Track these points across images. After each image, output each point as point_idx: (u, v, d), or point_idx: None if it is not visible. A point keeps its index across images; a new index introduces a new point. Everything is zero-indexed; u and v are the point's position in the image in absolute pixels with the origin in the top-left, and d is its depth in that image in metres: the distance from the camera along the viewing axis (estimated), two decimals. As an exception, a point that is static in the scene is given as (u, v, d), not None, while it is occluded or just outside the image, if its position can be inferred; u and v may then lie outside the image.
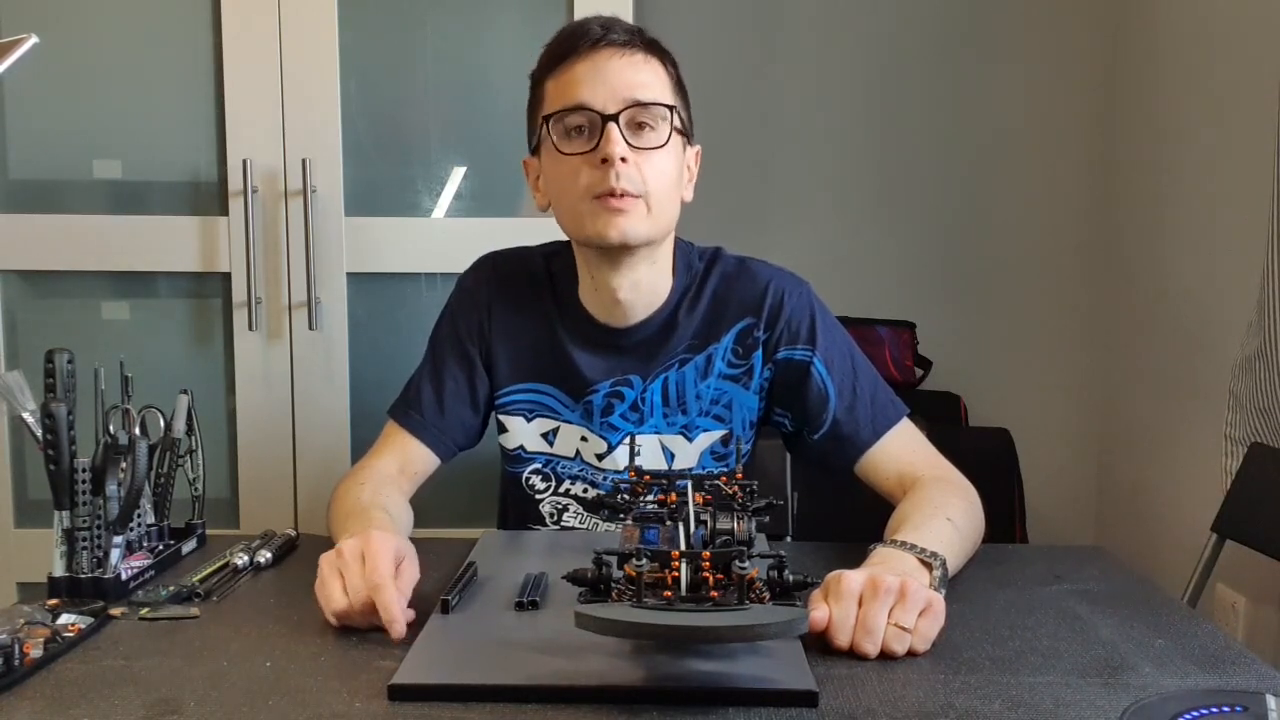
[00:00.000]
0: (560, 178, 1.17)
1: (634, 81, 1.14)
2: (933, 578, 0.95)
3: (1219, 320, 2.05)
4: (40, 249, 1.89)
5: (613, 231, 1.14)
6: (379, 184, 1.92)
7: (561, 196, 1.18)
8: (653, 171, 1.14)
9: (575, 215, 1.17)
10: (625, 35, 1.16)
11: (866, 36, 2.60)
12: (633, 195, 1.13)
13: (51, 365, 1.02)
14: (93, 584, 0.98)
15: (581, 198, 1.15)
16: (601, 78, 1.14)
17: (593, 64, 1.14)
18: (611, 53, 1.15)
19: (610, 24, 1.16)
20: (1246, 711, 0.68)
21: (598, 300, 1.24)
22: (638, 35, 1.17)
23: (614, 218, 1.13)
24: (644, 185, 1.14)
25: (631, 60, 1.15)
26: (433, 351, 1.31)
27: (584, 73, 1.14)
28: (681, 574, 0.79)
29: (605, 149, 1.12)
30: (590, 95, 1.13)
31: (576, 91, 1.14)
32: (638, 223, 1.14)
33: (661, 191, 1.16)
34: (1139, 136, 2.45)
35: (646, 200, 1.14)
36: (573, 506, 1.30)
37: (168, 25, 1.88)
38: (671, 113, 1.16)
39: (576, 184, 1.14)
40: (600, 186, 1.13)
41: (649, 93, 1.15)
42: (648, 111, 1.15)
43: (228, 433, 1.93)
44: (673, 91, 1.19)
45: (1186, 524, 1.96)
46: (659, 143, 1.15)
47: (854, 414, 1.23)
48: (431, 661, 0.83)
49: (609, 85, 1.13)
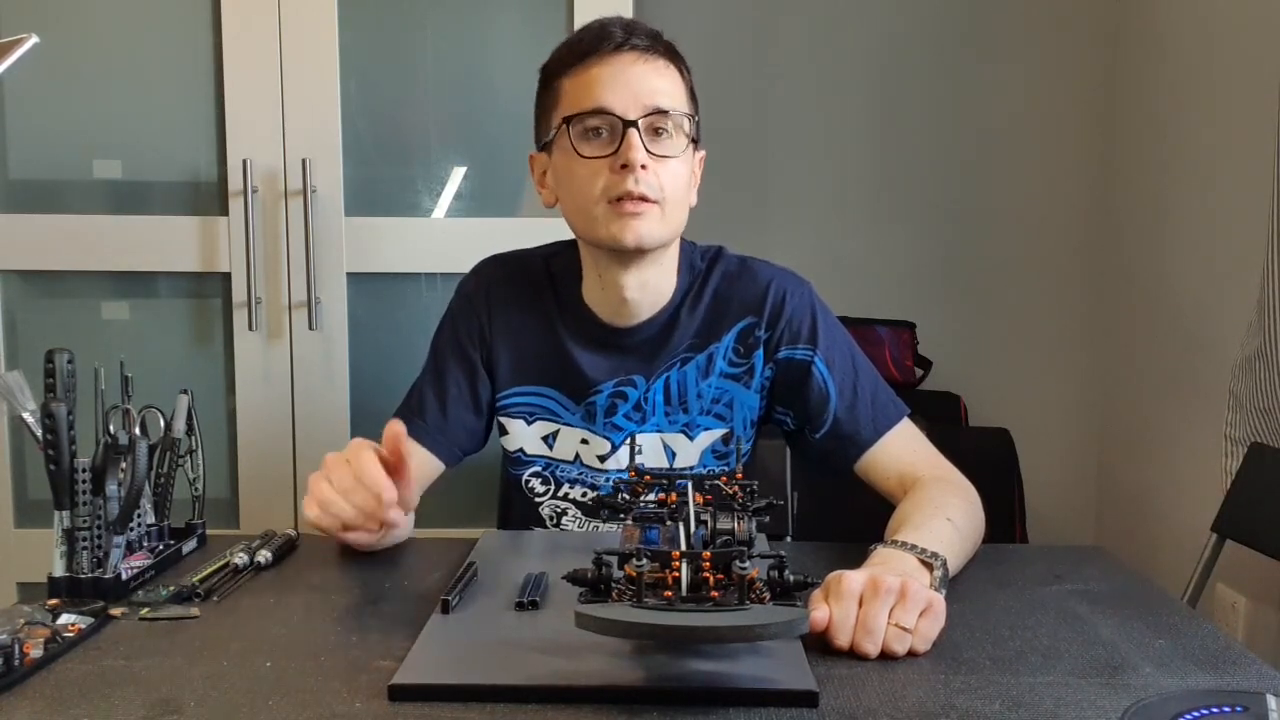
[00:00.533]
0: (576, 179, 1.17)
1: (655, 88, 1.15)
2: (933, 578, 0.95)
3: (1219, 320, 2.05)
4: (40, 249, 1.89)
5: (629, 235, 1.15)
6: (379, 184, 1.92)
7: (575, 197, 1.18)
8: (669, 177, 1.15)
9: (589, 217, 1.17)
10: (647, 40, 1.16)
11: (867, 37, 2.60)
12: (650, 200, 1.14)
13: (51, 365, 1.01)
14: (93, 584, 0.98)
15: (597, 200, 1.15)
16: (623, 82, 1.14)
17: (615, 67, 1.15)
18: (634, 57, 1.15)
19: (632, 27, 1.17)
20: (1246, 711, 0.67)
21: (603, 299, 1.24)
22: (659, 41, 1.18)
23: (630, 221, 1.14)
24: (660, 191, 1.15)
25: (654, 66, 1.16)
26: (434, 357, 1.31)
27: (605, 76, 1.15)
28: (682, 574, 0.79)
29: (626, 155, 1.12)
30: (612, 99, 1.14)
31: (598, 94, 1.14)
32: (653, 226, 1.15)
33: (676, 197, 1.17)
34: (1139, 136, 2.45)
35: (662, 205, 1.15)
36: (571, 510, 1.30)
37: (168, 25, 1.88)
38: (689, 121, 1.18)
39: (593, 187, 1.15)
40: (618, 190, 1.14)
41: (669, 100, 1.16)
42: (667, 118, 1.15)
43: (228, 433, 1.93)
44: (688, 98, 1.20)
45: (1186, 524, 1.96)
46: (676, 151, 1.16)
47: (854, 413, 1.23)
48: (431, 661, 0.82)
49: (631, 90, 1.14)
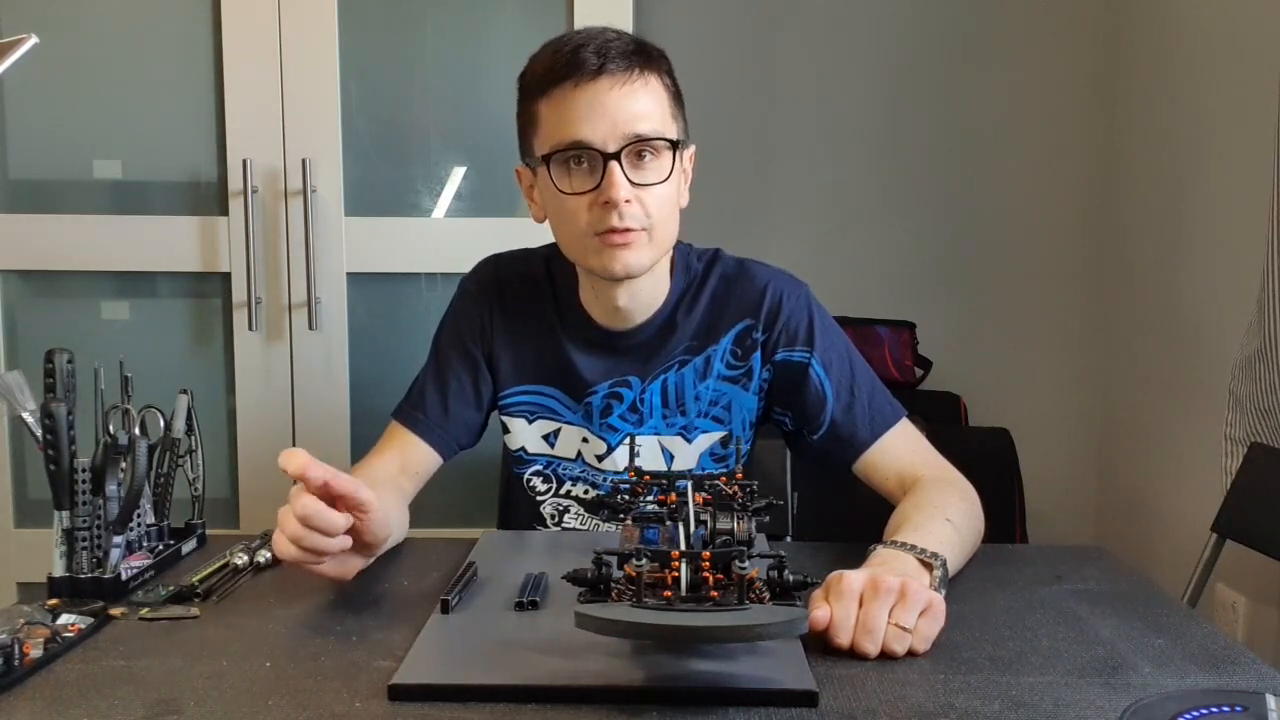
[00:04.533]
0: (561, 212, 1.16)
1: (634, 113, 1.11)
2: (933, 578, 0.95)
3: (1219, 320, 2.05)
4: (40, 249, 1.89)
5: (617, 266, 1.14)
6: (379, 184, 1.92)
7: (562, 228, 1.17)
8: (655, 203, 1.14)
9: (579, 249, 1.17)
10: (623, 61, 1.12)
11: (867, 37, 2.60)
12: (636, 230, 1.13)
13: (51, 365, 1.02)
14: (93, 584, 0.98)
15: (585, 234, 1.14)
16: (602, 112, 1.10)
17: (591, 96, 1.11)
18: (610, 84, 1.11)
19: (605, 49, 1.12)
20: (1246, 711, 0.67)
21: (598, 306, 1.25)
22: (634, 57, 1.13)
23: (617, 252, 1.13)
24: (647, 219, 1.13)
25: (630, 89, 1.12)
26: (436, 353, 1.31)
27: (581, 106, 1.11)
28: (681, 574, 0.79)
29: (608, 192, 1.10)
30: (590, 132, 1.11)
31: (575, 128, 1.11)
32: (641, 254, 1.14)
33: (663, 220, 1.15)
34: (1139, 137, 2.45)
35: (650, 231, 1.14)
36: (574, 508, 1.30)
37: (168, 25, 1.88)
38: (669, 143, 1.14)
39: (579, 221, 1.13)
40: (603, 225, 1.12)
41: (648, 124, 1.12)
42: (649, 144, 1.13)
43: (228, 433, 1.93)
44: (670, 107, 1.16)
45: (1186, 524, 1.96)
46: (661, 177, 1.14)
47: (851, 414, 1.23)
48: (431, 661, 0.83)
49: (609, 120, 1.10)
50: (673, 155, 1.15)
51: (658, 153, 1.14)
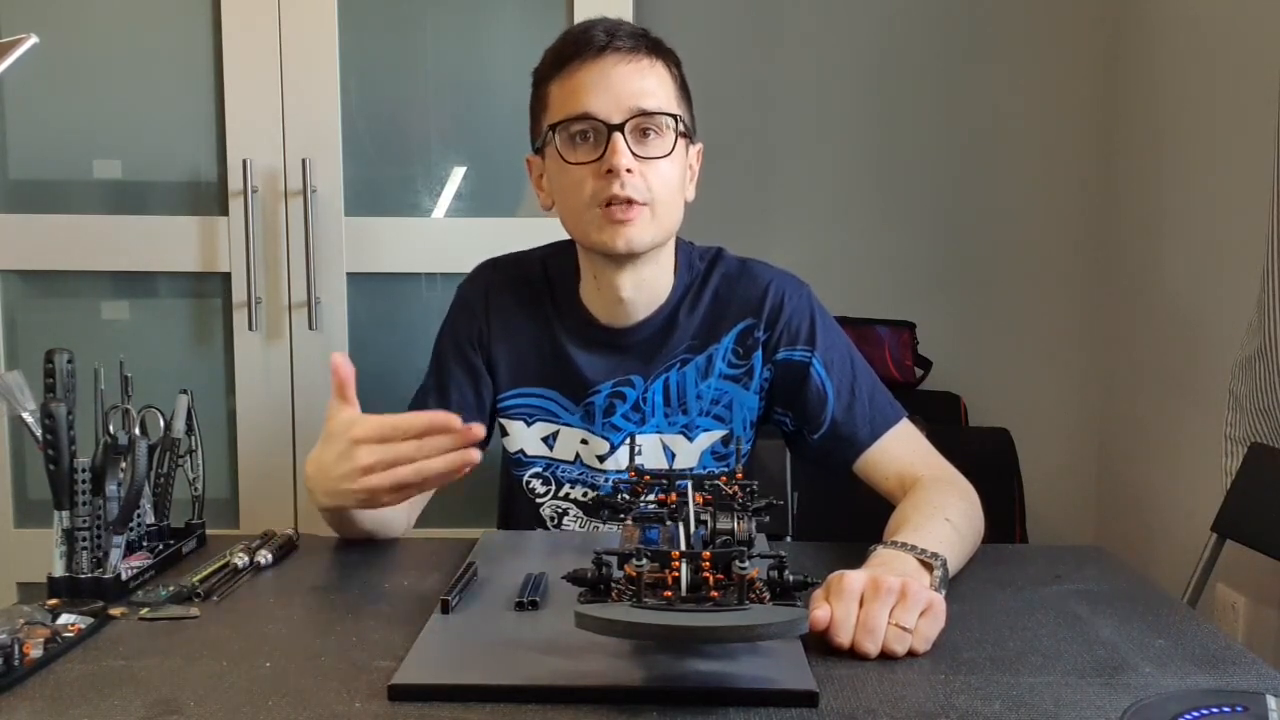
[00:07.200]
0: (566, 185, 1.17)
1: (639, 89, 1.15)
2: (933, 578, 0.95)
3: (1219, 320, 2.05)
4: (40, 249, 1.89)
5: (619, 241, 1.15)
6: (379, 184, 1.92)
7: (567, 202, 1.19)
8: (658, 179, 1.15)
9: (581, 222, 1.18)
10: (630, 41, 1.16)
11: (866, 36, 2.60)
12: (638, 203, 1.14)
13: (51, 365, 1.01)
14: (93, 584, 0.98)
15: (588, 205, 1.15)
16: (606, 85, 1.14)
17: (598, 71, 1.14)
18: (617, 60, 1.15)
19: (615, 29, 1.16)
20: (1246, 711, 0.67)
21: (600, 299, 1.25)
22: (642, 40, 1.17)
23: (620, 228, 1.15)
24: (649, 193, 1.15)
25: (637, 66, 1.16)
26: (436, 362, 1.31)
27: (589, 80, 1.14)
28: (682, 574, 0.79)
29: (611, 160, 1.13)
30: (596, 104, 1.14)
31: (582, 100, 1.14)
32: (643, 230, 1.16)
33: (666, 197, 1.17)
34: (1138, 136, 2.45)
35: (652, 207, 1.15)
36: (573, 510, 1.30)
37: (168, 25, 1.88)
38: (676, 121, 1.17)
39: (582, 192, 1.15)
40: (605, 194, 1.14)
41: (654, 100, 1.15)
42: (653, 119, 1.15)
43: (228, 433, 1.93)
44: (677, 95, 1.19)
45: (1186, 524, 1.96)
46: (664, 151, 1.16)
47: (852, 414, 1.23)
48: (431, 661, 0.83)
49: (614, 93, 1.14)
50: (676, 135, 1.17)
51: (661, 131, 1.16)
